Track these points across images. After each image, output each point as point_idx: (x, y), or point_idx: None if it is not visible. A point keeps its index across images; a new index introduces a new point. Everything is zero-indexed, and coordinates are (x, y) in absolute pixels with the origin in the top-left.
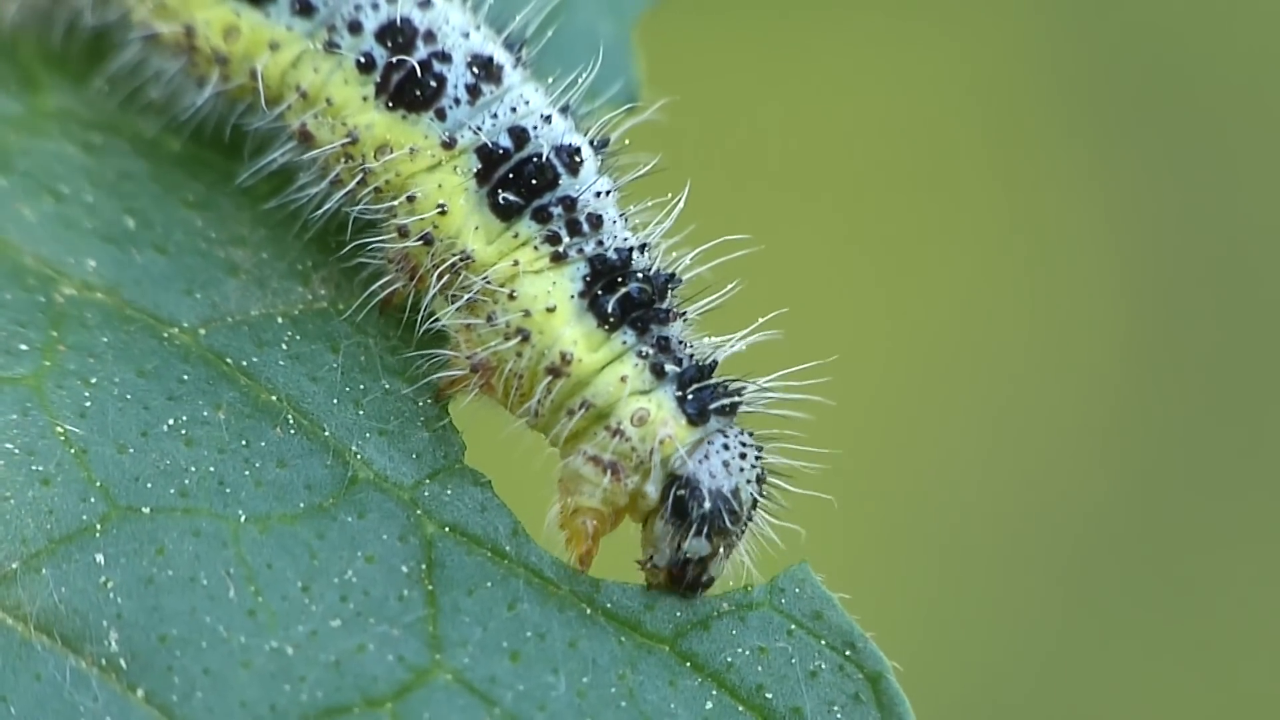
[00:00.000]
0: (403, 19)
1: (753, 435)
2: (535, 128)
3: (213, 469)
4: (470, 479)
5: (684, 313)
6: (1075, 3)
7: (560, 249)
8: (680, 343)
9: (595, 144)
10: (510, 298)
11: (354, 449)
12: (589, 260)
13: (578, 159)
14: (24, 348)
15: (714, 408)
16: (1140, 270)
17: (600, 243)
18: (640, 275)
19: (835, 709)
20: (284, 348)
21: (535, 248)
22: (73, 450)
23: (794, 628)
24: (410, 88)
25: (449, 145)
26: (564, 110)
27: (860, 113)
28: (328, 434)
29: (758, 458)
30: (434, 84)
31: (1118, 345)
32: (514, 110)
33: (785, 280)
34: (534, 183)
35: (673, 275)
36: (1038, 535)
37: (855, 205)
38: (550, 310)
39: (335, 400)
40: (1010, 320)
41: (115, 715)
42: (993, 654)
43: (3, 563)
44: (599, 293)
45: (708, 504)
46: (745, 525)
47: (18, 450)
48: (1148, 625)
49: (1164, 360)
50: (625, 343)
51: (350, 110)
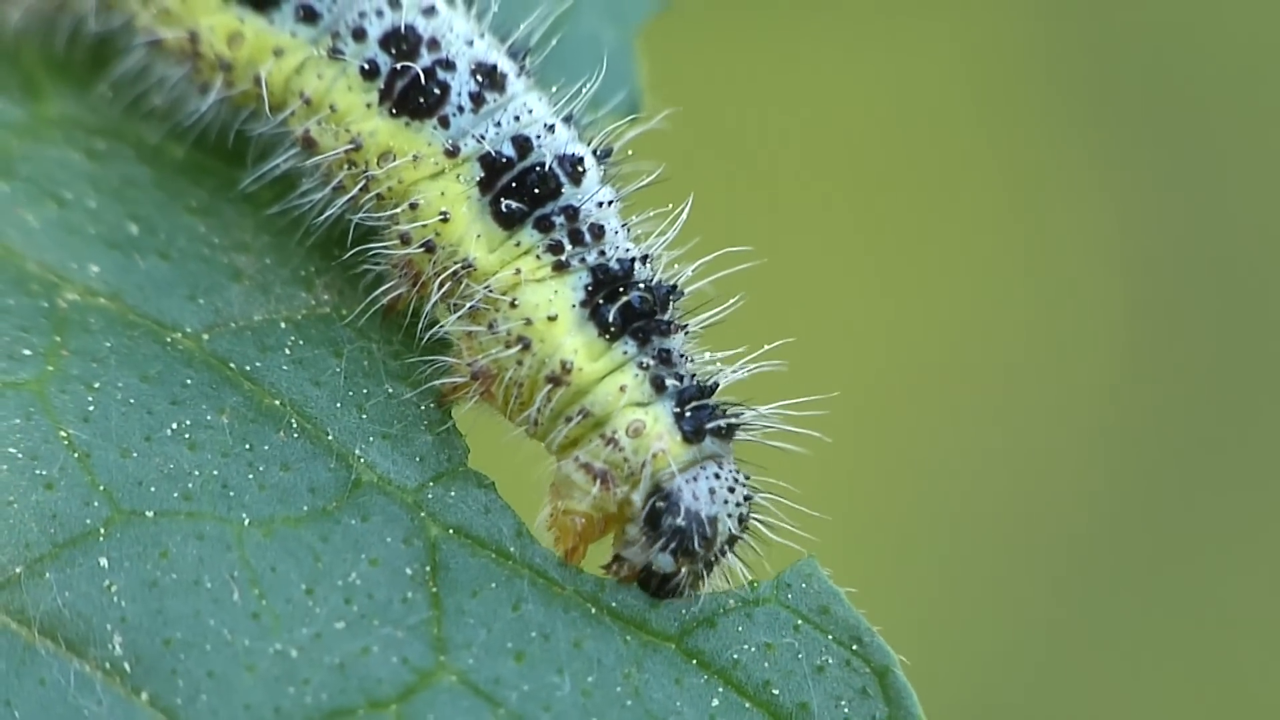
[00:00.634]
0: (407, 26)
1: (749, 478)
2: (538, 137)
3: (216, 473)
4: (474, 481)
5: (685, 326)
6: (1078, 4)
7: (562, 258)
8: (681, 356)
9: (598, 154)
10: (512, 306)
11: (357, 452)
12: (591, 270)
13: (580, 169)
14: (27, 353)
15: (710, 428)
16: (1142, 271)
17: (602, 253)
18: (642, 286)
19: (842, 703)
20: (287, 353)
21: (537, 257)
22: (76, 454)
23: (800, 623)
24: (414, 95)
25: (452, 153)
26: (567, 120)
27: (862, 116)
28: (331, 438)
29: (747, 498)
30: (438, 91)
31: (1120, 348)
32: (517, 119)
33: (787, 282)
34: (537, 192)
35: (674, 287)
36: (1042, 532)
37: (857, 207)
38: (552, 319)
39: (338, 404)
40: (1013, 320)
41: (120, 719)
42: (999, 648)
43: (6, 567)
44: (600, 302)
45: (681, 522)
46: (717, 558)
47: (21, 455)
48: (1152, 622)
49: (1166, 361)
50: (626, 353)
51: (354, 117)
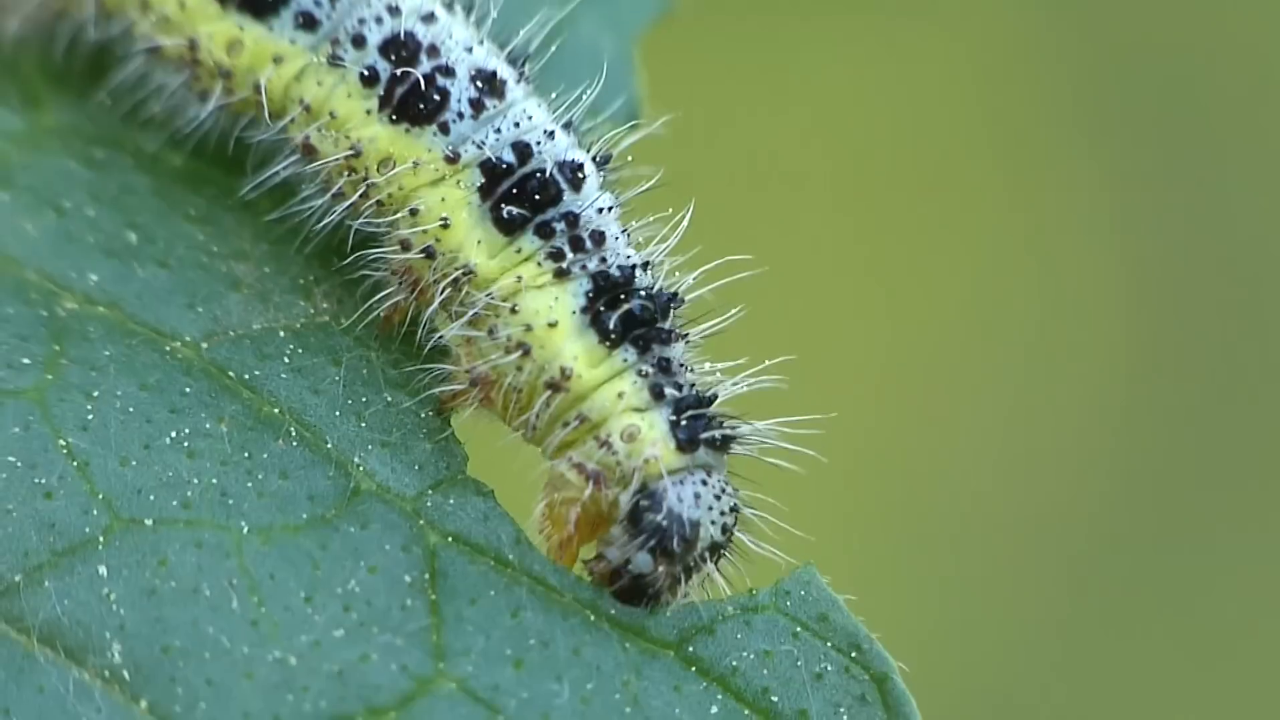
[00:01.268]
0: (406, 33)
1: (738, 490)
2: (538, 143)
3: (215, 481)
4: (473, 489)
5: (686, 335)
6: (1081, 8)
7: (563, 265)
8: (681, 365)
9: (597, 160)
10: (512, 312)
11: (356, 460)
12: (591, 276)
13: (580, 175)
14: (26, 361)
15: (705, 438)
16: (1145, 272)
17: (603, 259)
18: (643, 293)
19: (841, 710)
20: (286, 361)
21: (538, 263)
22: (75, 463)
23: (799, 630)
24: (414, 101)
25: (452, 159)
26: (566, 126)
27: (863, 120)
28: (330, 446)
29: (733, 509)
30: (437, 98)
31: (1123, 359)
32: (517, 125)
33: (787, 288)
34: (537, 198)
35: (675, 294)
36: (1043, 539)
37: (858, 212)
38: (552, 325)
39: (337, 413)
40: (1016, 328)
41: None
42: (998, 655)
43: (5, 575)
44: (601, 309)
45: (663, 521)
46: (696, 563)
47: (20, 463)
48: (1157, 628)
49: (1169, 366)
50: (626, 360)
51: (354, 124)
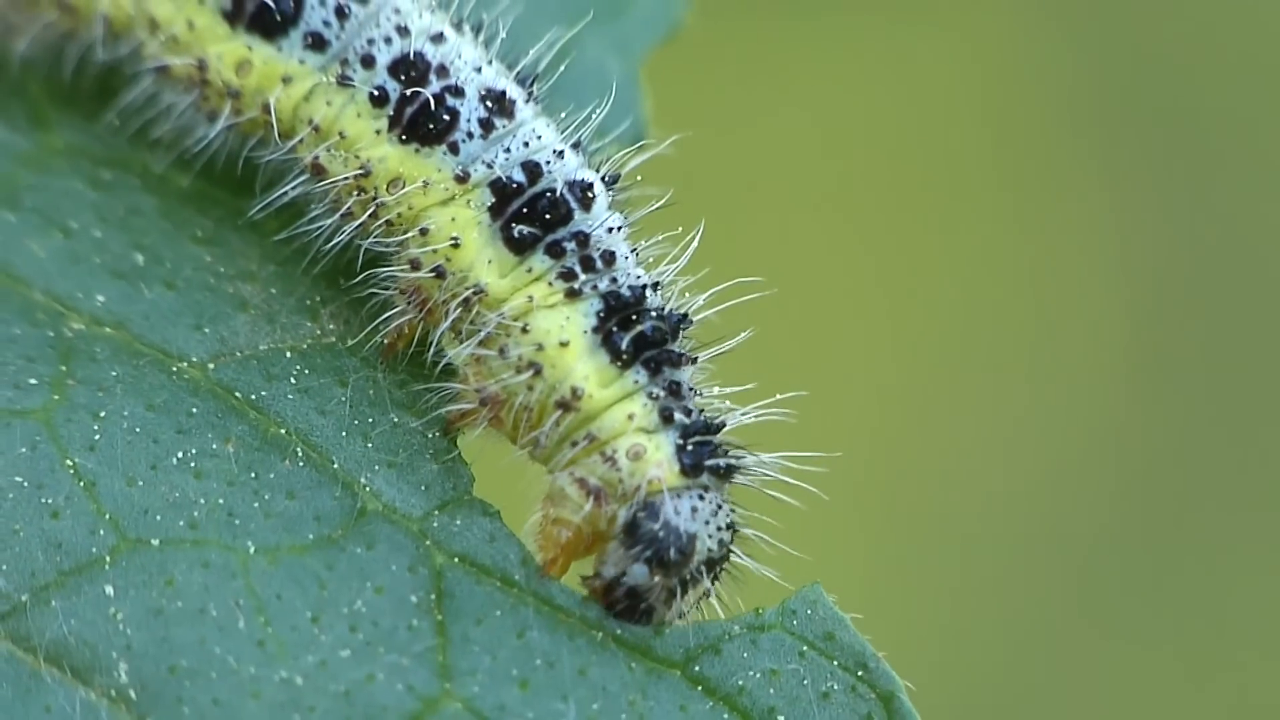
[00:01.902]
0: (415, 53)
1: (735, 509)
2: (548, 163)
3: (222, 501)
4: (479, 510)
5: (696, 358)
6: (1084, 14)
7: (575, 285)
8: (691, 390)
9: (606, 180)
10: (523, 331)
11: (363, 481)
12: (603, 296)
13: (590, 194)
14: (34, 382)
15: (709, 465)
16: (1148, 279)
17: (614, 280)
18: (654, 314)
19: None
20: (293, 382)
21: (549, 283)
22: (82, 483)
23: (806, 649)
24: (423, 121)
25: (462, 179)
26: (575, 146)
27: (869, 131)
28: (337, 466)
29: (730, 526)
30: (447, 118)
31: (1125, 360)
32: (526, 145)
33: (795, 302)
34: (548, 217)
35: (685, 315)
36: (1052, 554)
37: (864, 222)
38: (563, 345)
39: (344, 433)
40: (1021, 346)
41: None
42: (1005, 673)
43: (12, 595)
44: (613, 329)
45: (660, 532)
46: (692, 578)
47: (27, 483)
48: (1165, 645)
49: (1172, 370)
50: (637, 382)
51: (363, 143)
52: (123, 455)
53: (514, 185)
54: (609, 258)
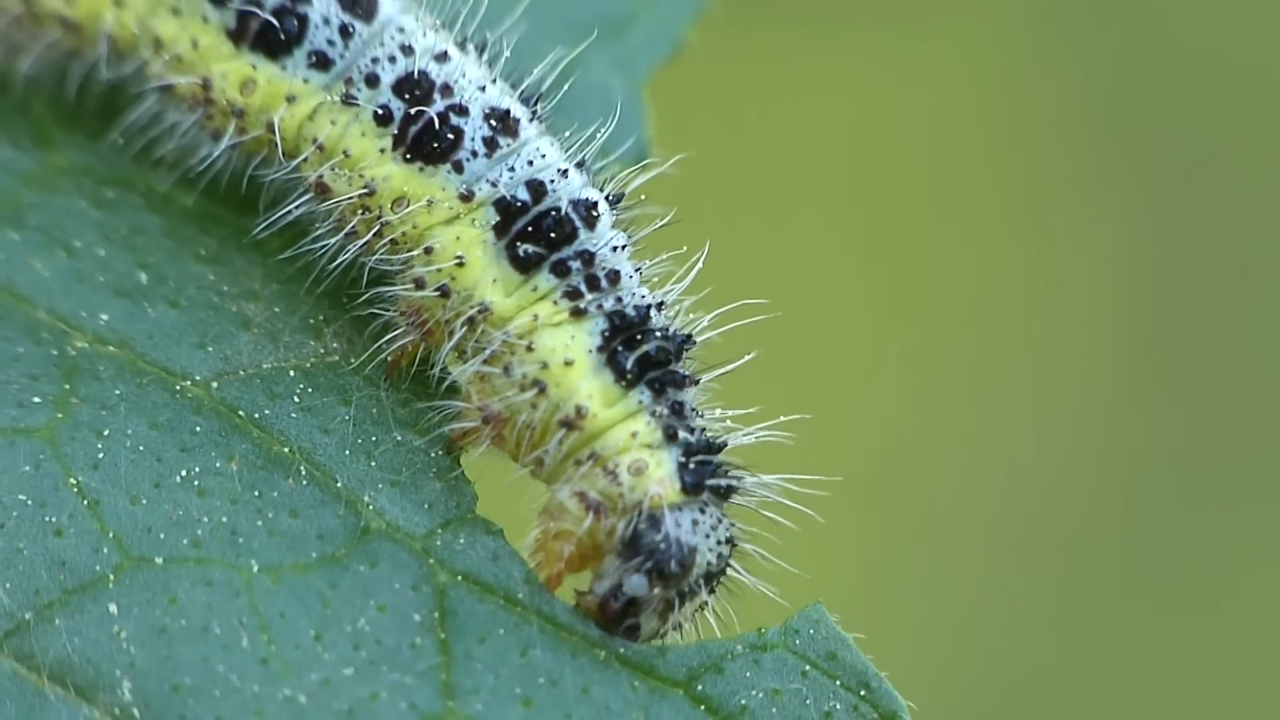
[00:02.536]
0: (420, 72)
1: (734, 525)
2: (552, 181)
3: (225, 519)
4: (482, 528)
5: (699, 379)
6: (1089, 20)
7: (580, 304)
8: (693, 410)
9: (610, 199)
10: (528, 349)
11: (366, 499)
12: (608, 316)
13: (595, 213)
14: (37, 400)
15: (710, 484)
16: (1154, 286)
17: (619, 299)
18: (659, 334)
19: None
20: (296, 400)
21: (554, 302)
22: (85, 501)
23: (809, 668)
24: (428, 140)
25: (467, 198)
26: (579, 165)
27: (871, 141)
28: (340, 485)
29: (729, 541)
30: (451, 136)
31: (1127, 357)
32: (531, 164)
33: (794, 310)
34: (552, 236)
35: (689, 336)
36: (1056, 574)
37: (866, 230)
38: (568, 364)
39: (347, 452)
40: (1030, 353)
41: None
42: (1008, 694)
43: (16, 613)
44: (617, 349)
45: (661, 543)
46: (690, 591)
47: (31, 501)
48: (1173, 659)
49: (1176, 374)
50: (641, 402)
51: (368, 162)
52: (126, 474)
53: (518, 204)
54: (614, 277)
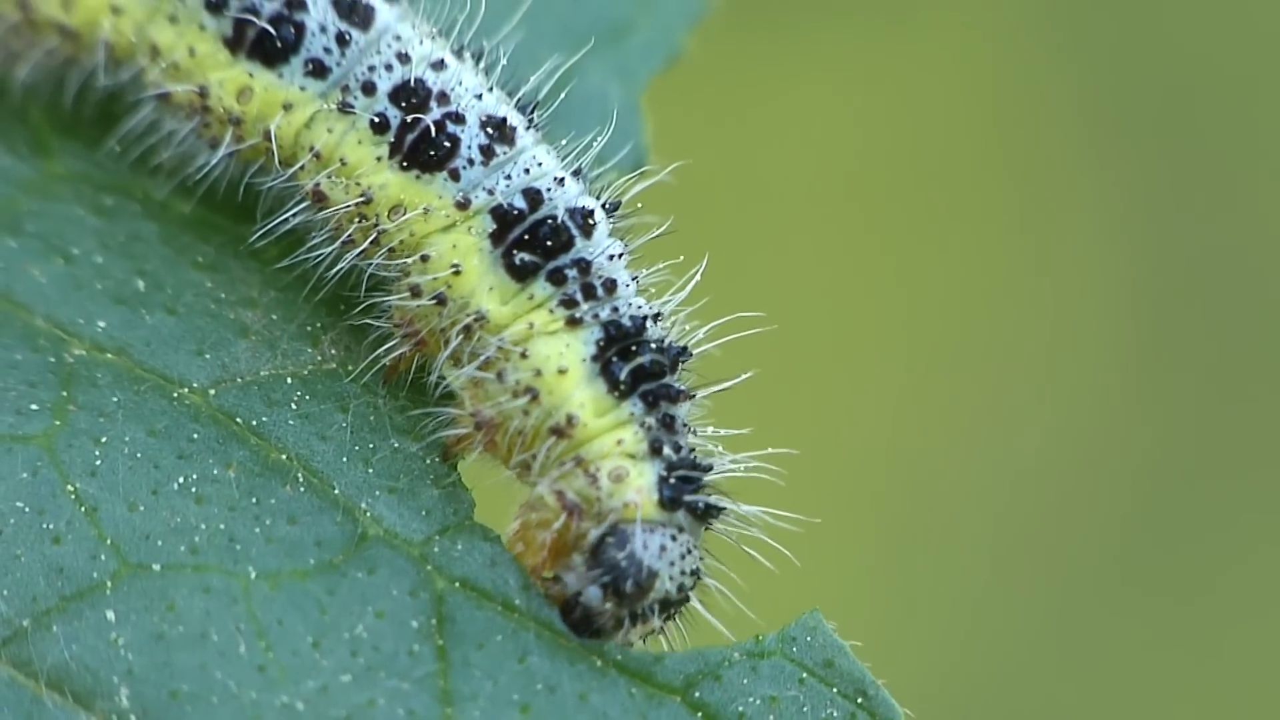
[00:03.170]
0: (416, 80)
1: (704, 557)
2: (549, 190)
3: (223, 526)
4: (480, 535)
5: (694, 394)
6: (1090, 18)
7: (576, 313)
8: (685, 425)
9: (607, 207)
10: (522, 356)
11: (364, 506)
12: (603, 325)
13: (591, 221)
14: (35, 407)
15: (687, 501)
16: (1154, 284)
17: (615, 309)
18: (654, 346)
19: None
20: (294, 407)
21: (550, 310)
22: (83, 508)
23: (806, 676)
24: (424, 148)
25: (463, 205)
26: (576, 173)
27: (871, 141)
28: (338, 492)
29: (694, 573)
30: (448, 144)
31: (1127, 357)
32: (527, 172)
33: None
34: (549, 244)
35: (684, 349)
36: (1054, 586)
37: (863, 237)
38: (562, 372)
39: (345, 459)
40: (1027, 349)
41: None
42: (1007, 700)
43: (13, 620)
44: (612, 359)
45: (623, 562)
46: (643, 613)
47: (29, 508)
48: (1178, 669)
49: (1177, 373)
50: (632, 413)
51: (364, 170)
52: (124, 480)
53: (515, 212)
54: (610, 285)
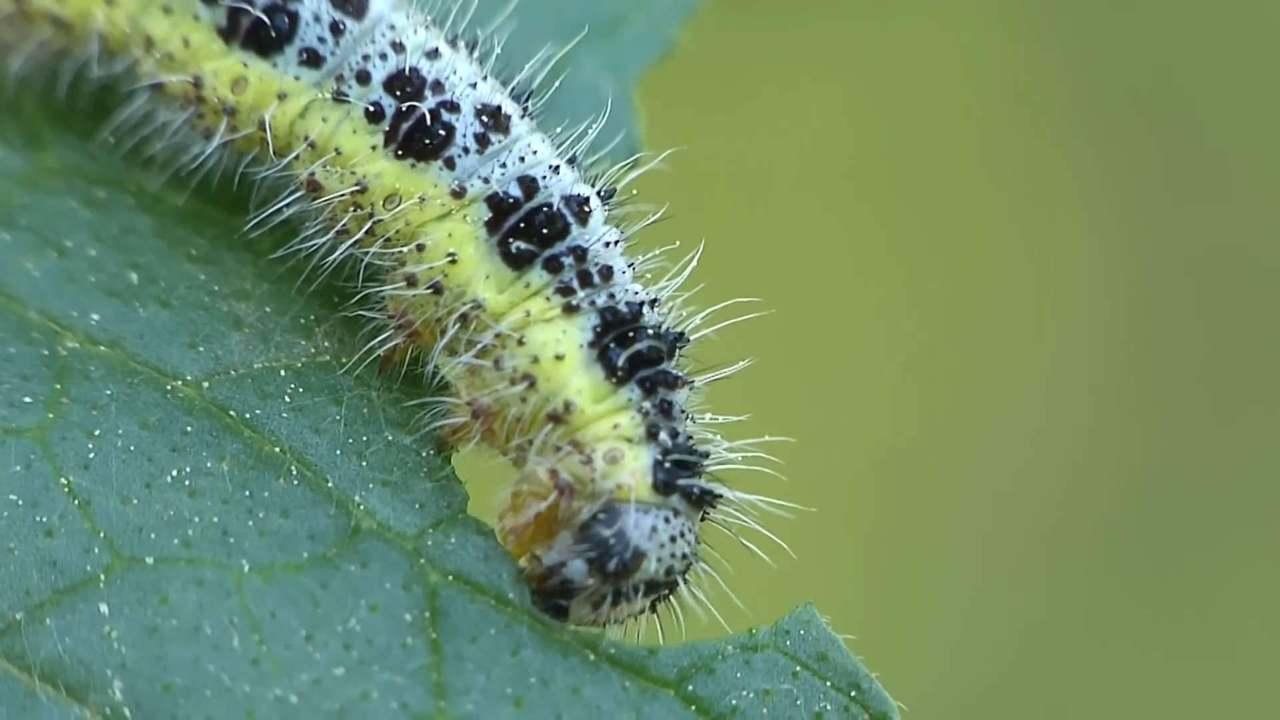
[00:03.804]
0: (411, 69)
1: (698, 541)
2: (544, 178)
3: (216, 519)
4: (473, 528)
5: (692, 381)
6: (1087, 9)
7: (573, 301)
8: (682, 412)
9: (601, 195)
10: (519, 344)
11: (357, 499)
12: (600, 312)
13: (586, 209)
14: (28, 400)
15: (681, 485)
16: (1145, 266)
17: (611, 295)
18: (651, 332)
19: None
20: (287, 400)
21: (547, 298)
22: (77, 501)
23: (799, 669)
24: (419, 136)
25: (459, 194)
26: (571, 161)
27: (866, 133)
28: (331, 485)
29: (685, 558)
30: (443, 133)
31: (1124, 356)
32: (522, 160)
33: (788, 308)
34: (545, 232)
35: (682, 334)
36: (1045, 583)
37: (861, 225)
38: (559, 358)
39: (338, 452)
40: (1024, 344)
41: None
42: (998, 694)
43: (7, 613)
44: (609, 345)
45: (610, 539)
46: (626, 593)
47: (22, 502)
48: (1170, 666)
49: (1178, 371)
50: (630, 399)
51: (359, 159)
52: (117, 474)
53: (510, 200)
54: (606, 273)
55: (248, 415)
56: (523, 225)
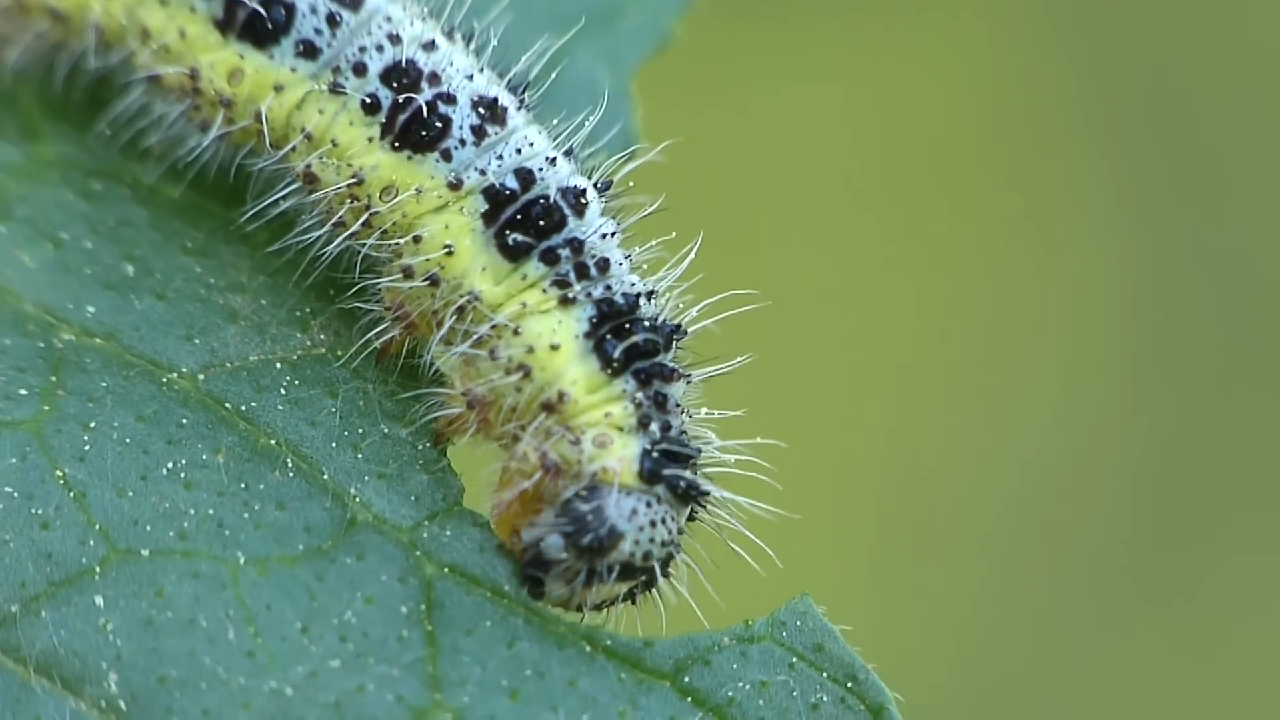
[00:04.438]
0: (407, 61)
1: (681, 532)
2: (540, 169)
3: (212, 512)
4: (469, 520)
5: (689, 375)
6: (1090, 11)
7: (569, 293)
8: (677, 406)
9: (598, 186)
10: (514, 334)
11: (353, 492)
12: (596, 303)
13: (583, 201)
14: (24, 392)
15: (667, 475)
16: (1155, 281)
17: (608, 287)
18: (647, 324)
19: None
20: (283, 393)
21: (544, 290)
22: (72, 494)
23: (796, 660)
24: (416, 128)
25: (455, 186)
26: (567, 153)
27: (867, 133)
28: (327, 477)
29: (664, 545)
30: (439, 125)
31: (1125, 355)
32: (519, 152)
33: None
34: (541, 224)
35: (678, 326)
36: (1041, 576)
37: (859, 220)
38: (554, 348)
39: (334, 444)
40: (1025, 341)
41: None
42: (994, 685)
43: (2, 606)
44: (605, 336)
45: (588, 515)
46: (600, 573)
47: (17, 494)
48: (1162, 647)
49: (1177, 371)
50: (624, 390)
51: (356, 151)
52: (113, 466)
53: (507, 192)
54: (603, 264)
55: (243, 408)
56: (519, 217)
